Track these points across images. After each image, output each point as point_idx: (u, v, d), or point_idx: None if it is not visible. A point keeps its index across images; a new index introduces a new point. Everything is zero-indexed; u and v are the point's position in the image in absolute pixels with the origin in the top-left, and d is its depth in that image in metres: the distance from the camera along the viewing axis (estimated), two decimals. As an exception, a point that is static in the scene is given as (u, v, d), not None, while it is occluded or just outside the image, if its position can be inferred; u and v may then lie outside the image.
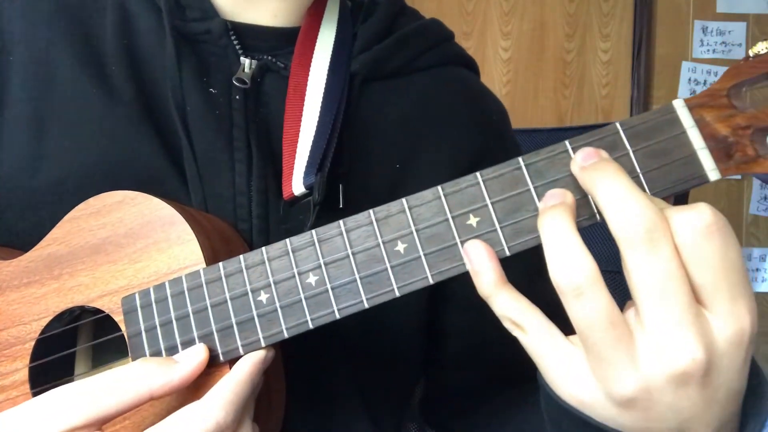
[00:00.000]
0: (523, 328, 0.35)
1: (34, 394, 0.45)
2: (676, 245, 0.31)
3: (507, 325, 0.35)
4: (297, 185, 0.50)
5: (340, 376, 0.55)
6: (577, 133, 0.37)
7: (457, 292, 0.59)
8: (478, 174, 0.37)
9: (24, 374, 0.46)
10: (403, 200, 0.38)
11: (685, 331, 0.31)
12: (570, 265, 0.32)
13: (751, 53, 0.35)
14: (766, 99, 0.35)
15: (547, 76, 2.07)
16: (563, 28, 2.06)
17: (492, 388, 0.62)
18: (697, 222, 0.31)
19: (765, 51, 0.35)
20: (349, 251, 0.39)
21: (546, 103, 2.07)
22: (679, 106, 0.35)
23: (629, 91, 2.03)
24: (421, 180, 0.57)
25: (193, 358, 0.40)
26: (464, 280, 0.38)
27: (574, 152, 0.36)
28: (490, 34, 2.08)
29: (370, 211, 0.39)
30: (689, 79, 2.01)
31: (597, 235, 0.81)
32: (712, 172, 0.35)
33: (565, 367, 0.34)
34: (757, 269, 2.03)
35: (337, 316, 0.39)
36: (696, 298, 0.32)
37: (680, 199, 0.92)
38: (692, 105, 0.35)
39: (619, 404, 0.33)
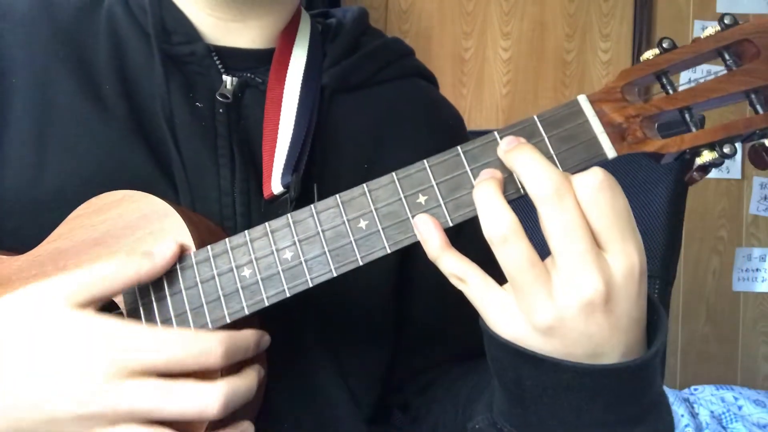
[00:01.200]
0: (465, 281, 0.42)
1: None
2: (578, 200, 0.39)
3: (453, 280, 0.43)
4: (276, 185, 0.57)
5: (317, 354, 0.60)
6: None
7: (420, 278, 0.66)
8: (425, 161, 0.45)
9: None
10: (364, 185, 0.45)
11: (589, 268, 0.38)
12: (497, 220, 0.40)
13: (641, 58, 0.44)
14: (652, 94, 0.44)
15: (547, 76, 2.07)
16: (563, 28, 2.07)
17: (451, 363, 0.67)
18: (592, 180, 0.39)
19: (652, 57, 0.43)
20: (319, 229, 0.46)
21: (546, 103, 2.07)
22: (583, 100, 0.44)
23: (629, 91, 2.04)
24: None
25: (166, 248, 0.46)
26: (426, 269, 0.45)
27: (500, 140, 0.44)
28: (490, 34, 2.08)
29: (337, 195, 0.46)
30: (689, 79, 2.00)
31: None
32: (610, 151, 0.43)
33: (500, 309, 0.41)
34: (757, 269, 2.03)
35: (311, 284, 0.45)
36: (595, 241, 0.39)
37: (680, 196, 0.92)
38: (593, 99, 0.44)
39: (542, 333, 0.40)
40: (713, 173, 1.90)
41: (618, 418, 0.41)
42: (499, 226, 0.39)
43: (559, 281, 0.39)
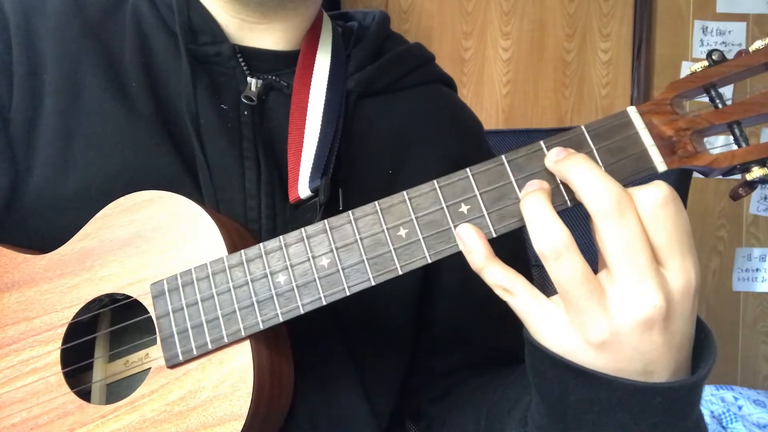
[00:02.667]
0: (512, 293, 0.41)
1: (65, 374, 0.49)
2: (639, 215, 0.38)
3: (498, 292, 0.41)
4: (303, 189, 0.56)
5: (339, 360, 0.59)
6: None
7: (443, 283, 0.65)
8: (467, 169, 0.44)
9: (56, 356, 0.50)
10: (404, 193, 0.44)
11: (649, 284, 0.37)
12: (549, 233, 0.38)
13: (690, 69, 0.43)
14: (701, 108, 0.43)
15: (547, 76, 2.07)
16: (563, 28, 2.06)
17: (470, 371, 0.67)
18: (656, 195, 0.38)
19: (700, 69, 0.43)
20: (358, 237, 0.44)
21: (546, 103, 2.07)
22: (632, 112, 0.43)
23: (629, 91, 2.04)
24: (411, 184, 0.64)
25: None
26: (450, 272, 0.46)
27: (547, 150, 0.43)
28: (490, 34, 2.08)
29: (376, 202, 0.44)
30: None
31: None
32: (660, 165, 0.42)
33: (548, 323, 0.40)
34: (757, 269, 2.03)
35: (348, 293, 0.44)
36: (654, 257, 0.38)
37: (680, 196, 0.92)
38: (642, 111, 0.43)
39: (594, 348, 0.39)
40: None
41: None
42: (552, 240, 0.38)
43: (616, 296, 0.38)
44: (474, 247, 0.41)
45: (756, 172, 0.41)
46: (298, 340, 0.50)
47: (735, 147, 0.42)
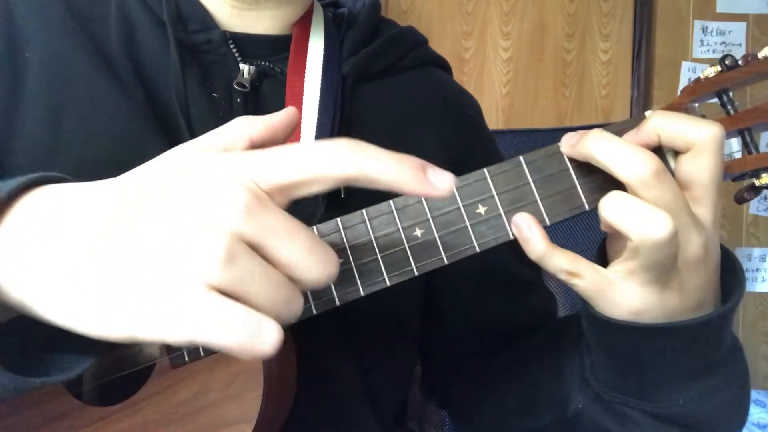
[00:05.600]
0: (579, 275, 0.42)
1: None
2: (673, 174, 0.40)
3: (563, 277, 0.42)
4: None
5: (342, 359, 0.58)
6: (577, 134, 0.44)
7: (457, 272, 0.64)
8: (485, 170, 0.43)
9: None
10: None
11: (693, 233, 0.39)
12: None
13: (702, 76, 0.44)
14: (717, 113, 0.44)
15: (547, 76, 2.07)
16: (563, 28, 2.06)
17: (489, 354, 0.67)
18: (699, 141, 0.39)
19: (713, 75, 0.43)
20: (372, 236, 0.44)
21: (546, 103, 2.07)
22: (649, 114, 0.43)
23: (629, 91, 2.03)
24: None
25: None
26: (463, 260, 0.44)
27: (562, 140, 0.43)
28: (490, 34, 2.08)
29: (390, 201, 0.44)
30: (689, 79, 2.00)
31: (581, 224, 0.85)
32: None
33: (621, 292, 0.41)
34: (757, 269, 2.03)
35: (362, 293, 0.43)
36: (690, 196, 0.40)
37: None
38: None
39: (666, 297, 0.40)
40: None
41: (721, 354, 0.44)
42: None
43: None
44: (532, 236, 0.41)
45: (766, 179, 0.42)
46: (298, 336, 0.49)
47: (738, 153, 0.44)
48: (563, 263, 0.41)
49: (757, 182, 0.43)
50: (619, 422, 0.48)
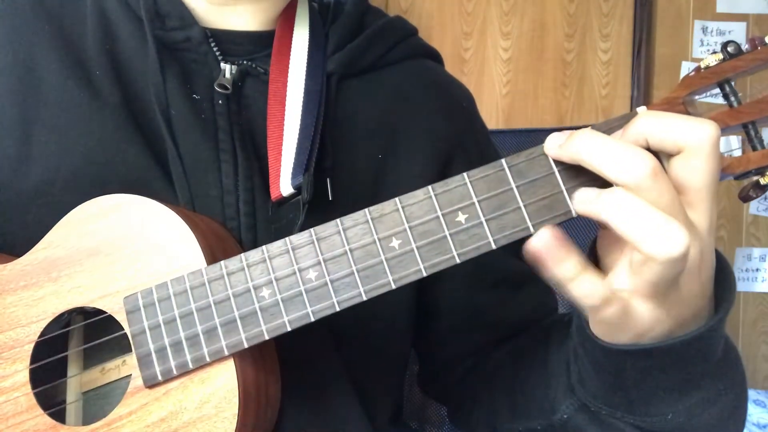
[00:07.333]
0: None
1: (36, 395, 0.46)
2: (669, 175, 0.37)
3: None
4: (285, 186, 0.52)
5: (331, 365, 0.57)
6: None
7: (451, 270, 0.63)
8: (464, 175, 0.40)
9: (25, 375, 0.46)
10: (396, 200, 0.41)
11: (691, 237, 0.36)
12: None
13: (702, 65, 0.41)
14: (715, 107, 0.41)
15: (547, 76, 2.07)
16: (563, 28, 2.06)
17: (485, 351, 0.65)
18: (696, 142, 0.37)
19: (714, 64, 0.40)
20: (347, 247, 0.41)
21: (546, 103, 2.07)
22: (643, 111, 0.40)
23: (629, 91, 2.03)
24: (402, 167, 0.61)
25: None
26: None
27: (546, 140, 0.40)
28: (490, 34, 2.08)
29: (366, 210, 0.41)
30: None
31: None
32: None
33: (628, 314, 0.38)
34: (757, 269, 2.03)
35: (337, 308, 0.41)
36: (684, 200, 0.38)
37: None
38: (654, 110, 0.40)
39: (664, 315, 0.38)
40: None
41: (711, 366, 0.42)
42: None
43: None
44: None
45: None
46: (284, 345, 0.47)
47: (738, 151, 0.41)
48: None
49: (762, 180, 0.40)
50: None
